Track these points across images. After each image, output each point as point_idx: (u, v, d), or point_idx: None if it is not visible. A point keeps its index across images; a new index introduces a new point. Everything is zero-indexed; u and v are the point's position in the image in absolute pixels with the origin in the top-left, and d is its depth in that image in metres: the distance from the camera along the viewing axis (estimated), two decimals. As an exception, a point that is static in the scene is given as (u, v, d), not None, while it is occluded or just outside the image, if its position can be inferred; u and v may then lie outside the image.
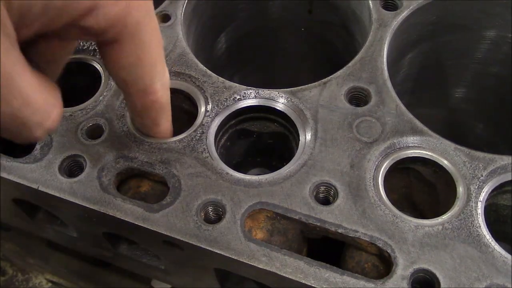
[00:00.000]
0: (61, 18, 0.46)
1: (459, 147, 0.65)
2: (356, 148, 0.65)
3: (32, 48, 0.47)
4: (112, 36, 0.51)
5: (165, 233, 0.61)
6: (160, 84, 0.59)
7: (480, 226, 0.59)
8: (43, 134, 0.49)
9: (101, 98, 0.73)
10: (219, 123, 0.70)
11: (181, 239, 0.60)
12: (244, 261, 0.58)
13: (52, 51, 0.54)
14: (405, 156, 0.65)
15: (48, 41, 0.51)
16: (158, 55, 0.57)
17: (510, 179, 0.63)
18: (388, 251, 0.58)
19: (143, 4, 0.52)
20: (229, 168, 0.65)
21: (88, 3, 0.46)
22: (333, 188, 0.63)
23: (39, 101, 0.46)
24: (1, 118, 0.44)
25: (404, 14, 0.78)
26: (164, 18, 0.81)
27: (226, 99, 0.71)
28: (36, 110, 0.47)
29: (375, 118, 0.68)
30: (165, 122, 0.65)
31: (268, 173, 0.64)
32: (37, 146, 0.68)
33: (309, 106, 0.70)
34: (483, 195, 0.61)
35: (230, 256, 0.58)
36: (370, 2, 0.79)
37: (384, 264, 0.60)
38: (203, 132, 0.68)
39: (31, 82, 0.45)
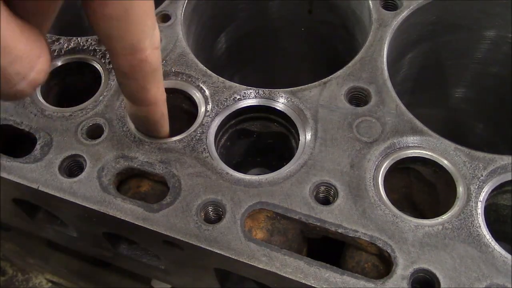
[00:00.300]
0: None
1: (459, 147, 0.65)
2: (356, 148, 0.65)
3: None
4: None
5: (165, 233, 0.61)
6: (149, 42, 0.53)
7: (480, 226, 0.59)
8: (27, 88, 0.46)
9: (101, 98, 0.73)
10: (219, 123, 0.70)
11: (181, 239, 0.60)
12: (244, 261, 0.58)
13: (37, 2, 0.49)
14: (405, 156, 0.65)
15: None
16: (147, 9, 0.52)
17: (510, 179, 0.63)
18: (388, 251, 0.58)
19: None
20: (229, 168, 0.65)
21: None
22: (333, 188, 0.63)
23: (20, 48, 0.43)
24: None
25: (404, 14, 0.78)
26: (164, 18, 0.81)
27: (226, 99, 0.71)
28: (18, 58, 0.43)
29: (375, 118, 0.68)
30: (154, 86, 0.59)
31: (268, 173, 0.64)
32: (37, 146, 0.68)
33: (309, 106, 0.70)
34: (483, 195, 0.61)
35: (230, 256, 0.58)
36: (370, 2, 0.79)
37: (384, 264, 0.60)
38: (203, 132, 0.68)
39: (10, 28, 0.42)
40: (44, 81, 0.47)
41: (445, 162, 0.64)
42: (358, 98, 0.71)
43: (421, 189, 0.71)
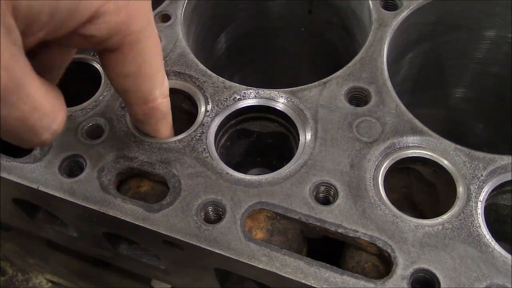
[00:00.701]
0: (65, 27, 0.47)
1: (459, 147, 0.65)
2: (356, 148, 0.65)
3: (34, 56, 0.48)
4: (113, 44, 0.52)
5: (165, 233, 0.61)
6: (160, 92, 0.60)
7: (480, 226, 0.59)
8: (50, 138, 0.51)
9: (101, 98, 0.73)
10: (219, 123, 0.70)
11: (181, 239, 0.60)
12: (244, 261, 0.58)
13: (52, 58, 0.55)
14: (405, 156, 0.65)
15: (49, 49, 0.52)
16: (158, 64, 0.58)
17: (510, 179, 0.63)
18: (388, 251, 0.58)
19: (144, 13, 0.53)
20: (229, 168, 0.65)
21: (91, 11, 0.47)
22: (333, 188, 0.63)
23: (46, 105, 0.48)
24: (11, 123, 0.46)
25: (404, 14, 0.78)
26: (164, 18, 0.81)
27: (226, 99, 0.71)
28: (44, 114, 0.48)
29: (375, 118, 0.68)
30: (166, 129, 0.67)
31: (268, 173, 0.64)
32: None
33: (309, 106, 0.70)
34: (483, 195, 0.61)
35: (230, 256, 0.58)
36: (370, 2, 0.79)
37: (384, 264, 0.60)
38: (203, 132, 0.68)
39: (38, 88, 0.47)
40: (63, 129, 0.52)
41: (445, 162, 0.64)
42: (358, 98, 0.71)
43: (421, 189, 0.71)
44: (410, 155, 0.65)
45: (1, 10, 0.40)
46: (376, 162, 0.64)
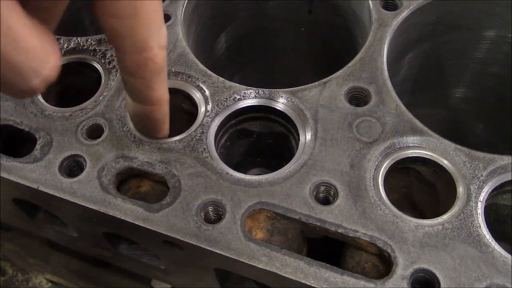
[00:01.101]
0: None
1: (459, 147, 0.65)
2: (356, 148, 0.65)
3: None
4: None
5: (165, 233, 0.61)
6: (156, 41, 0.54)
7: (480, 226, 0.59)
8: (40, 84, 0.47)
9: (101, 98, 0.73)
10: (219, 123, 0.70)
11: (181, 239, 0.60)
12: (244, 261, 0.58)
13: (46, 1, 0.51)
14: (405, 156, 0.65)
15: None
16: (156, 7, 0.53)
17: (510, 179, 0.63)
18: (388, 251, 0.58)
19: None
20: (229, 168, 0.65)
21: None
22: (333, 188, 0.63)
23: (35, 46, 0.44)
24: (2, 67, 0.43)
25: (404, 14, 0.78)
26: (164, 18, 0.80)
27: (226, 99, 0.71)
28: (32, 56, 0.44)
29: (375, 118, 0.68)
30: (161, 88, 0.60)
31: (268, 173, 0.64)
32: (37, 146, 0.68)
33: (309, 106, 0.70)
34: (483, 195, 0.61)
35: (230, 256, 0.58)
36: (370, 2, 0.79)
37: (384, 264, 0.60)
38: (203, 132, 0.68)
39: (26, 26, 0.43)
40: (55, 77, 0.47)
41: (445, 162, 0.64)
42: (358, 98, 0.71)
43: (421, 189, 0.71)
44: (410, 155, 0.65)
45: None
46: (376, 162, 0.64)
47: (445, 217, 0.60)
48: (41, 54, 0.45)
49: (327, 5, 0.93)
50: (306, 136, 0.68)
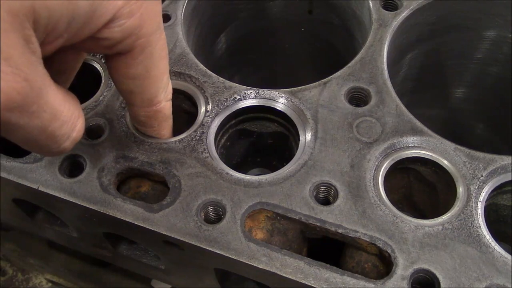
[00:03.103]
0: (82, 33, 0.48)
1: (459, 147, 0.65)
2: (356, 148, 0.65)
3: (49, 62, 0.48)
4: (124, 47, 0.52)
5: (165, 233, 0.61)
6: (164, 95, 0.61)
7: (480, 226, 0.59)
8: (69, 146, 0.51)
9: (101, 98, 0.73)
10: (219, 123, 0.70)
11: (181, 239, 0.60)
12: (244, 261, 0.58)
13: (66, 63, 0.57)
14: (405, 156, 0.65)
15: (63, 54, 0.53)
16: (164, 67, 0.59)
17: (510, 179, 0.63)
18: (388, 251, 0.58)
19: (156, 16, 0.54)
20: (229, 168, 0.65)
21: (108, 16, 0.48)
22: (333, 188, 0.63)
23: (66, 113, 0.49)
24: (31, 131, 0.46)
25: (404, 14, 0.78)
26: (164, 18, 0.80)
27: (226, 99, 0.71)
28: (64, 122, 0.49)
29: (375, 118, 0.68)
30: (167, 131, 0.67)
31: (268, 173, 0.64)
32: (37, 146, 0.68)
33: (309, 106, 0.70)
34: (483, 195, 0.61)
35: (230, 256, 0.58)
36: (370, 2, 0.79)
37: (384, 264, 0.60)
38: (203, 132, 0.68)
39: (57, 95, 0.47)
40: (81, 137, 0.53)
41: (445, 162, 0.64)
42: (358, 98, 0.71)
43: (421, 189, 0.71)
44: (410, 155, 0.65)
45: (21, 22, 0.41)
46: (376, 162, 0.64)
47: (445, 217, 0.60)
48: (70, 120, 0.50)
49: (327, 5, 0.93)
50: (306, 136, 0.68)
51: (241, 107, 0.71)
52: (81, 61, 0.60)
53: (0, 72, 0.40)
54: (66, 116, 0.49)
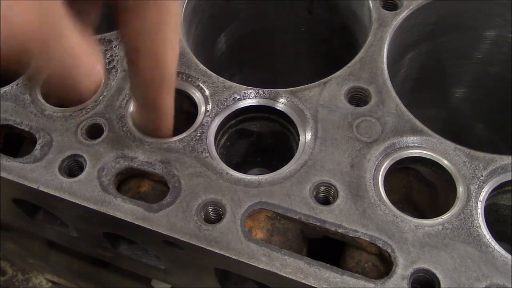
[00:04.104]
0: None
1: (459, 147, 0.65)
2: (356, 148, 0.65)
3: (68, 6, 0.47)
4: None
5: (165, 233, 0.61)
6: (171, 57, 0.58)
7: (480, 226, 0.59)
8: (90, 92, 0.51)
9: (101, 98, 0.73)
10: (219, 123, 0.70)
11: (181, 239, 0.60)
12: (244, 261, 0.58)
13: (84, 8, 0.55)
14: (405, 156, 0.65)
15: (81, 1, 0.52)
16: (176, 25, 0.56)
17: (510, 179, 0.63)
18: (388, 251, 0.58)
19: None
20: (229, 168, 0.65)
21: None
22: (333, 188, 0.63)
23: (86, 58, 0.48)
24: (54, 78, 0.47)
25: (404, 14, 0.78)
26: (164, 18, 0.80)
27: (226, 99, 0.71)
28: (84, 68, 0.48)
29: (375, 118, 0.68)
30: (166, 125, 0.65)
31: (268, 173, 0.64)
32: (37, 146, 0.68)
33: (309, 106, 0.70)
34: (483, 195, 0.61)
35: (230, 256, 0.58)
36: (370, 2, 0.79)
37: (384, 264, 0.60)
38: (203, 132, 0.68)
39: (79, 41, 0.47)
40: (101, 82, 0.53)
41: (445, 162, 0.64)
42: (358, 98, 0.71)
43: (421, 189, 0.71)
44: (410, 155, 0.65)
45: None
46: (376, 162, 0.64)
47: (445, 217, 0.60)
48: (91, 65, 0.49)
49: (327, 5, 0.93)
50: (306, 136, 0.68)
51: (241, 107, 0.71)
52: (98, 8, 0.57)
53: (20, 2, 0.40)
54: (87, 62, 0.49)
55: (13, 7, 0.40)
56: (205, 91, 0.72)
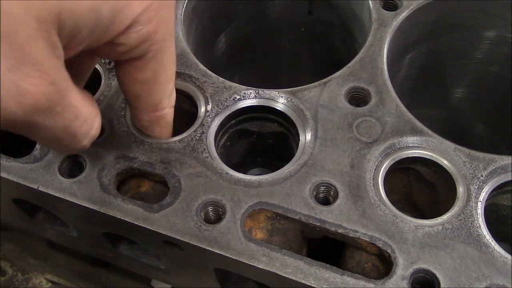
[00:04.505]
0: (102, 39, 0.49)
1: (459, 147, 0.65)
2: (356, 148, 0.65)
3: (67, 65, 0.50)
4: (139, 52, 0.53)
5: (165, 233, 0.61)
6: (168, 102, 0.62)
7: (480, 226, 0.59)
8: (88, 143, 0.54)
9: (101, 98, 0.73)
10: (219, 123, 0.70)
11: (181, 239, 0.60)
12: (244, 261, 0.58)
13: (81, 66, 0.59)
14: (405, 156, 0.65)
15: (80, 58, 0.54)
16: (172, 74, 0.60)
17: (510, 179, 0.63)
18: (388, 251, 0.58)
19: (170, 22, 0.55)
20: (229, 168, 0.65)
21: (128, 22, 0.49)
22: (333, 188, 0.63)
23: (85, 112, 0.51)
24: (55, 131, 0.49)
25: (404, 14, 0.78)
26: (164, 18, 0.80)
27: (226, 99, 0.71)
28: (84, 121, 0.51)
29: (375, 118, 0.68)
30: (167, 135, 0.68)
31: (268, 173, 0.64)
32: (37, 146, 0.68)
33: (309, 106, 0.70)
34: (483, 195, 0.61)
35: (230, 256, 0.58)
36: (370, 2, 0.79)
37: (384, 264, 0.60)
38: (203, 132, 0.68)
39: (78, 96, 0.50)
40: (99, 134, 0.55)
41: (445, 162, 0.64)
42: (358, 98, 0.71)
43: (421, 189, 0.71)
44: (410, 155, 0.65)
45: (48, 29, 0.42)
46: (376, 162, 0.64)
47: (445, 217, 0.60)
48: (90, 119, 0.52)
49: (327, 5, 0.93)
50: (306, 136, 0.68)
51: (241, 107, 0.71)
52: (94, 65, 0.62)
53: (29, 77, 0.42)
54: (86, 115, 0.51)
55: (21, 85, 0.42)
56: (205, 91, 0.72)
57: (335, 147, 0.66)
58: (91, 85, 0.75)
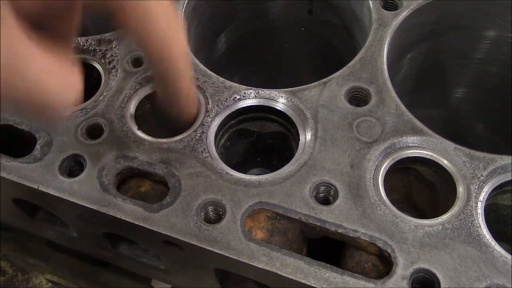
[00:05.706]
0: None
1: (459, 147, 0.65)
2: (356, 148, 0.65)
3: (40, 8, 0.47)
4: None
5: (165, 233, 0.61)
6: (179, 35, 0.56)
7: (480, 226, 0.59)
8: (66, 108, 0.50)
9: (101, 98, 0.73)
10: (219, 123, 0.70)
11: (181, 239, 0.60)
12: (244, 261, 0.58)
13: (59, 6, 0.52)
14: (405, 156, 0.65)
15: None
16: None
17: (510, 179, 0.63)
18: (388, 251, 0.58)
19: None
20: (229, 168, 0.65)
21: None
22: (333, 188, 0.63)
23: (55, 84, 0.47)
24: (23, 106, 0.46)
25: (404, 14, 0.78)
26: (164, 18, 0.80)
27: (226, 99, 0.71)
28: (55, 95, 0.47)
29: (375, 118, 0.68)
30: (191, 96, 0.64)
31: (268, 173, 0.64)
32: (37, 146, 0.68)
33: (309, 106, 0.70)
34: (483, 195, 0.61)
35: (230, 256, 0.58)
36: (370, 2, 0.79)
37: (384, 264, 0.60)
38: (203, 132, 0.68)
39: (43, 67, 0.45)
40: (78, 100, 0.52)
41: (445, 162, 0.64)
42: (358, 98, 0.71)
43: (421, 189, 0.71)
44: (410, 155, 0.65)
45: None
46: (376, 162, 0.64)
47: (445, 217, 0.60)
48: (63, 91, 0.48)
49: (327, 5, 0.93)
50: (306, 136, 0.68)
51: (241, 107, 0.72)
52: (78, 7, 0.54)
53: None
54: (57, 88, 0.47)
55: None
56: (205, 91, 0.72)
57: (335, 147, 0.66)
58: (91, 85, 0.75)
